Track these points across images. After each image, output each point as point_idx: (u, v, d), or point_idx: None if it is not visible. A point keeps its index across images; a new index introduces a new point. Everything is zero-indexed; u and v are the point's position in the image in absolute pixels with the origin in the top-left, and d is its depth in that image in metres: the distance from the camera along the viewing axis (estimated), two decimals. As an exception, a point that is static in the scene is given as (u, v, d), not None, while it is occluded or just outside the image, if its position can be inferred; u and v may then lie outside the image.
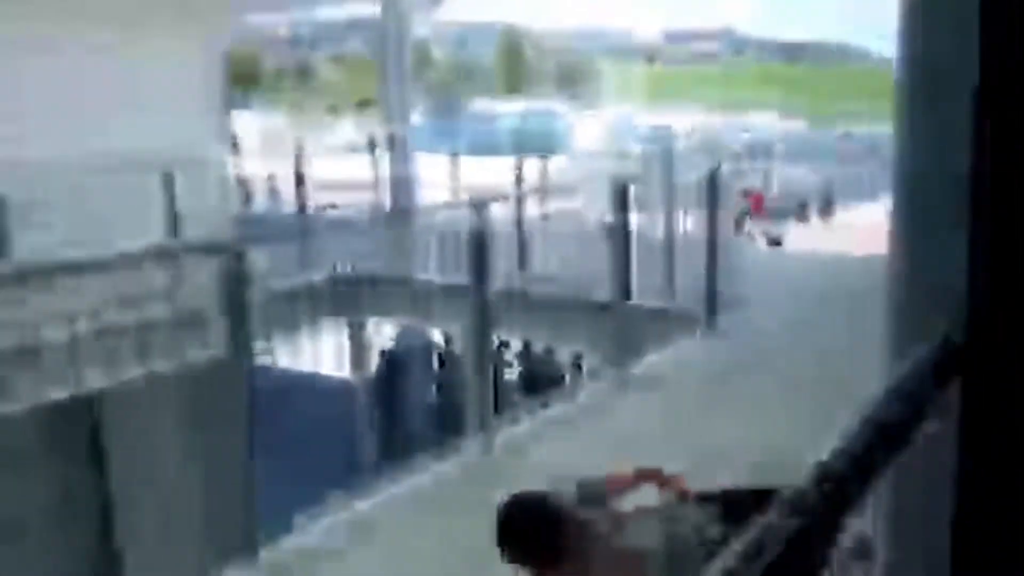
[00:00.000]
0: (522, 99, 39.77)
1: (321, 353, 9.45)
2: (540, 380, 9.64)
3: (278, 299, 6.14)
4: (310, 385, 9.50)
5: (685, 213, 7.43)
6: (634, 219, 6.31)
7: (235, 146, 13.64)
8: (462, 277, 5.12)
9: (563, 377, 9.64)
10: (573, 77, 48.16)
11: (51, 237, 6.80)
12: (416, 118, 12.56)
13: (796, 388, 5.51)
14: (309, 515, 4.09)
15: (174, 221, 7.69)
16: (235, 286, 3.53)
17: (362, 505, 4.32)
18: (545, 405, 5.69)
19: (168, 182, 7.92)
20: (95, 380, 4.03)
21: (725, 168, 7.86)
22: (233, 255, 3.53)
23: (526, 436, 5.14)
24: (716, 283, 7.03)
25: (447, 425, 8.06)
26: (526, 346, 10.48)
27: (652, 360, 6.32)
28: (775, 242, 14.35)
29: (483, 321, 4.82)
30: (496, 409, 5.63)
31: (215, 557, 3.77)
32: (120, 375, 4.79)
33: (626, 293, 6.03)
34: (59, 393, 4.87)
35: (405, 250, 7.87)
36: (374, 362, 10.08)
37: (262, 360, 8.53)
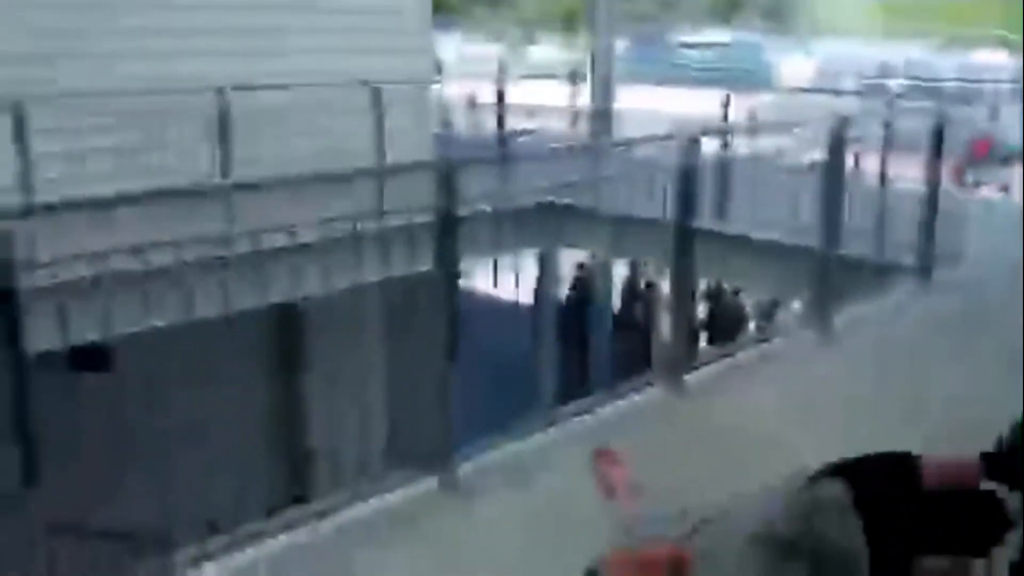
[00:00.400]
0: (729, 30, 38.34)
1: (513, 279, 9.59)
2: (729, 323, 9.45)
3: (477, 222, 6.23)
4: (501, 309, 9.68)
5: (902, 157, 7.01)
6: (846, 162, 6.01)
7: (439, 69, 13.88)
8: (659, 211, 5.03)
9: (754, 322, 9.41)
10: (783, 7, 45.97)
11: (268, 151, 7.16)
12: (619, 46, 12.36)
13: (1016, 353, 5.15)
14: (494, 439, 4.19)
15: (382, 138, 7.93)
16: (445, 205, 3.61)
17: (549, 432, 4.38)
18: (737, 349, 5.57)
19: (377, 101, 8.15)
20: (308, 288, 4.23)
21: (946, 108, 7.34)
22: (444, 175, 3.59)
23: (716, 379, 5.05)
24: (933, 234, 6.62)
25: (634, 361, 8.02)
26: (717, 287, 10.28)
27: (856, 312, 6.05)
28: (1003, 188, 13.33)
29: (686, 259, 4.73)
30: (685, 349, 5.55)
31: (407, 466, 3.93)
32: (331, 284, 4.99)
33: (833, 239, 5.76)
34: (275, 298, 5.14)
35: (604, 181, 7.81)
36: (564, 292, 10.15)
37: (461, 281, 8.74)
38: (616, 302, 11.44)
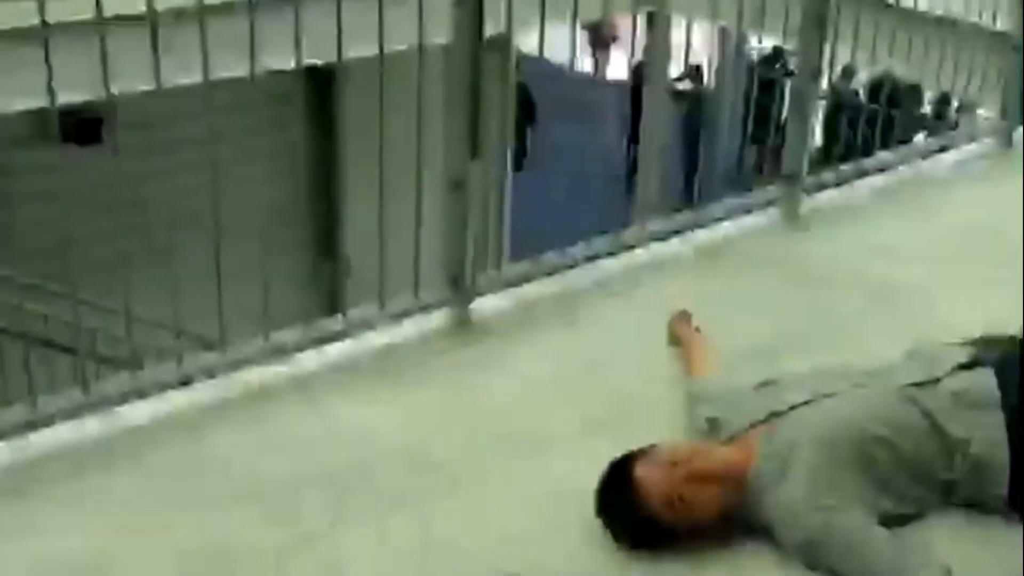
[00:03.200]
0: None
1: (611, 53, 9.11)
2: (894, 125, 8.89)
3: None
4: (591, 92, 9.25)
5: None
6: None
7: None
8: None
9: (924, 126, 8.83)
10: None
11: None
12: None
13: None
14: (541, 263, 3.96)
15: None
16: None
17: (619, 258, 4.14)
18: (887, 164, 5.11)
19: None
20: (331, 54, 3.95)
21: None
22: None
23: (849, 202, 4.64)
24: None
25: (756, 169, 7.64)
26: (882, 79, 9.65)
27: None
28: None
29: (816, 33, 4.23)
30: (825, 156, 5.16)
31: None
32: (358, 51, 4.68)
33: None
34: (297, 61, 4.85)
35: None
36: (673, 72, 9.60)
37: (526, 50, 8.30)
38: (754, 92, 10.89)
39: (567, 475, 2.85)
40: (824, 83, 5.14)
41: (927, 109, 10.77)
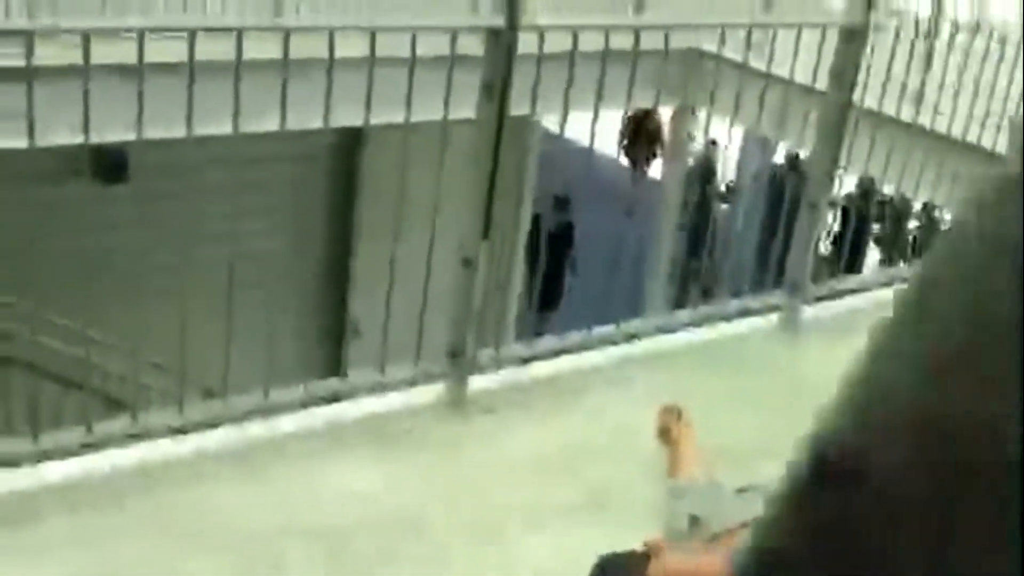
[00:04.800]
0: None
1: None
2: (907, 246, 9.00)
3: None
4: (619, 179, 9.41)
5: None
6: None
7: None
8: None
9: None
10: None
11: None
12: None
13: None
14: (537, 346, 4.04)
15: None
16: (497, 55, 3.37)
17: (620, 348, 4.21)
18: (897, 279, 5.21)
19: None
20: (357, 118, 4.09)
21: None
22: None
23: (850, 314, 4.72)
24: None
25: (766, 274, 7.74)
26: (900, 200, 9.78)
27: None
28: None
29: (831, 144, 4.34)
30: (831, 270, 5.25)
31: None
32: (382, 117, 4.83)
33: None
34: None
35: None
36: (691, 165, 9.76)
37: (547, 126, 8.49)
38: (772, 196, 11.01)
39: (544, 556, 2.92)
40: (836, 192, 5.23)
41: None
